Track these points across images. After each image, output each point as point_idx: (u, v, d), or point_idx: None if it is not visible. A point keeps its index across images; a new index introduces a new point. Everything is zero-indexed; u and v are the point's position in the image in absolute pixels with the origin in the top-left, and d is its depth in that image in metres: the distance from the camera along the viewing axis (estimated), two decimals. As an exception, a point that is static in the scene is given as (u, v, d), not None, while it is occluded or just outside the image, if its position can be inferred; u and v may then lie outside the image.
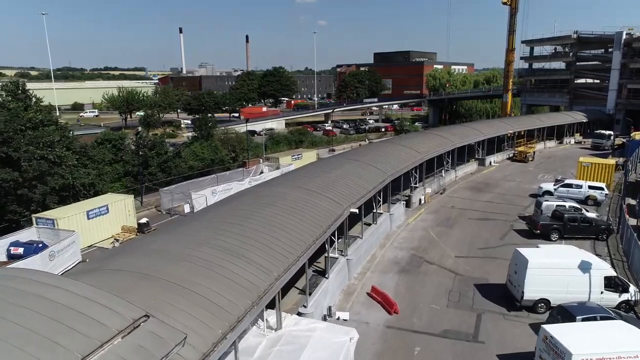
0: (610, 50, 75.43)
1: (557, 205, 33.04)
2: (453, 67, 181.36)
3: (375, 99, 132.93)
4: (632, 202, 38.91)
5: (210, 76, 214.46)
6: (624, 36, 70.21)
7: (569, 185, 39.44)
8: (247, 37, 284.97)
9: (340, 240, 26.13)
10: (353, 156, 33.82)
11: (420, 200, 38.82)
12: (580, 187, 39.02)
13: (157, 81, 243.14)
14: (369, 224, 30.39)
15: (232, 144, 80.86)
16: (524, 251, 21.85)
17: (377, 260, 27.69)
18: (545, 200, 33.83)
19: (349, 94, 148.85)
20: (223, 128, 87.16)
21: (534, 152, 58.74)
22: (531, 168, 53.98)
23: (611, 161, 43.87)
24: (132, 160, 44.81)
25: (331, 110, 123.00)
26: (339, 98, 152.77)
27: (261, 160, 53.40)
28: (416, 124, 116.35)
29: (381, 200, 31.97)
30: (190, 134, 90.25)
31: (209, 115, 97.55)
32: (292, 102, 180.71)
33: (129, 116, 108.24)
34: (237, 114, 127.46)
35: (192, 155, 72.86)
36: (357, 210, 24.18)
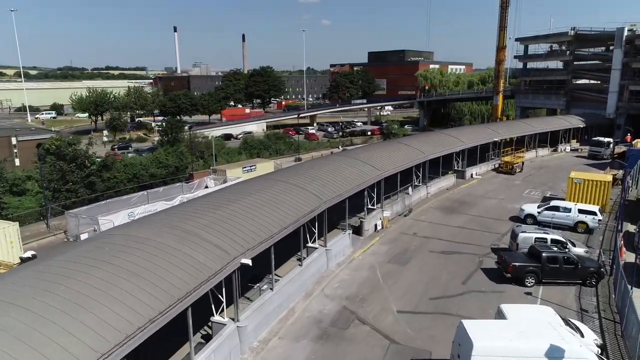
0: (611, 48, 68.75)
1: (536, 239, 26.65)
2: (450, 66, 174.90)
3: (364, 100, 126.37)
4: (632, 228, 32.41)
5: (199, 76, 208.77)
6: (625, 33, 63.50)
7: (556, 209, 32.96)
8: (243, 36, 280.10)
9: (257, 288, 19.95)
10: (285, 176, 27.48)
11: (375, 226, 32.42)
12: (568, 210, 32.52)
13: (151, 81, 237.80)
14: (302, 260, 24.12)
15: (201, 149, 75.13)
16: (471, 327, 15.46)
17: (294, 316, 21.32)
18: (523, 231, 27.37)
19: (340, 94, 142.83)
20: (191, 132, 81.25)
21: (523, 163, 52.20)
22: (518, 182, 47.45)
23: (607, 177, 37.36)
24: (50, 174, 38.69)
25: (306, 113, 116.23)
26: (331, 99, 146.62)
27: (212, 172, 46.98)
28: (405, 126, 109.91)
29: (316, 231, 25.72)
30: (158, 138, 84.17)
31: (176, 118, 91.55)
32: (283, 102, 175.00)
33: (100, 118, 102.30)
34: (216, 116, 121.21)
35: (155, 161, 67.12)
36: (249, 261, 17.82)
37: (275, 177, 27.51)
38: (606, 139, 57.66)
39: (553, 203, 33.47)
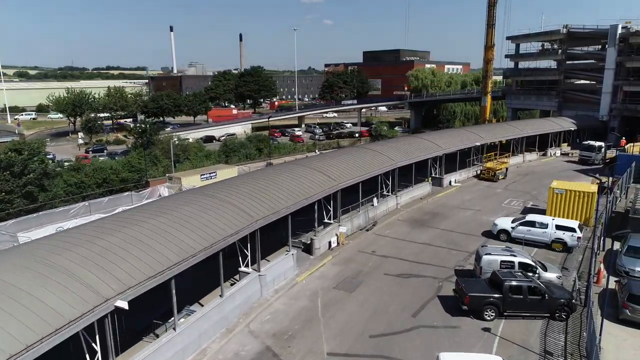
0: (606, 47, 65.19)
1: (501, 262, 23.37)
2: (447, 66, 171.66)
3: (355, 101, 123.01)
4: (617, 245, 29.02)
5: (191, 76, 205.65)
6: (619, 30, 59.99)
7: (531, 224, 29.60)
8: (240, 35, 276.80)
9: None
10: (218, 189, 24.21)
11: (330, 243, 29.12)
12: (545, 226, 29.16)
13: (146, 81, 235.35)
14: (223, 290, 20.91)
15: (176, 152, 72.16)
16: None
17: (204, 361, 18.09)
18: (487, 253, 24.05)
19: (333, 95, 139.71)
20: (166, 135, 78.23)
21: (507, 169, 48.79)
22: (499, 190, 44.06)
23: (592, 187, 33.94)
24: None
25: (277, 116, 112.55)
26: (323, 99, 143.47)
27: (167, 179, 43.73)
28: (396, 128, 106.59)
29: (249, 254, 22.50)
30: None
31: (151, 119, 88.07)
32: (276, 102, 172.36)
33: (80, 119, 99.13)
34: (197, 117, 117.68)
35: (127, 165, 64.46)
36: (125, 304, 14.55)
37: (205, 190, 24.24)
38: (597, 143, 54.20)
39: (529, 217, 30.11)
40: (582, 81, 74.51)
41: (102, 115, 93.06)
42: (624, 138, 56.49)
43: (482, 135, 50.32)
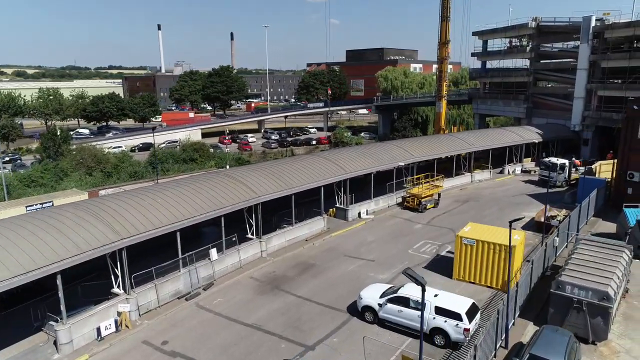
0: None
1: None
2: (435, 66, 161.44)
3: (322, 104, 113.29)
4: (530, 333, 19.21)
5: (166, 75, 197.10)
6: (592, 23, 49.87)
7: (404, 301, 19.88)
8: (232, 34, 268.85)
9: None
10: None
11: (99, 330, 19.57)
12: (419, 307, 19.44)
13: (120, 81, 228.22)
14: None
15: (88, 165, 62.99)
16: None
17: None
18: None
19: (309, 97, 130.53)
20: (78, 144, 69.16)
21: (439, 195, 39.02)
22: (419, 225, 34.24)
23: (513, 238, 24.08)
24: None
25: (214, 124, 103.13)
26: (299, 100, 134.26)
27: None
28: (362, 134, 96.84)
29: None
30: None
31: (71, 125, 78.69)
32: (253, 104, 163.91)
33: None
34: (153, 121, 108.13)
35: (27, 181, 55.64)
36: None
37: None
38: (560, 161, 44.20)
39: (402, 291, 20.36)
40: (558, 84, 64.38)
41: (25, 121, 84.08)
42: (576, 159, 47.68)
43: (413, 152, 40.54)
